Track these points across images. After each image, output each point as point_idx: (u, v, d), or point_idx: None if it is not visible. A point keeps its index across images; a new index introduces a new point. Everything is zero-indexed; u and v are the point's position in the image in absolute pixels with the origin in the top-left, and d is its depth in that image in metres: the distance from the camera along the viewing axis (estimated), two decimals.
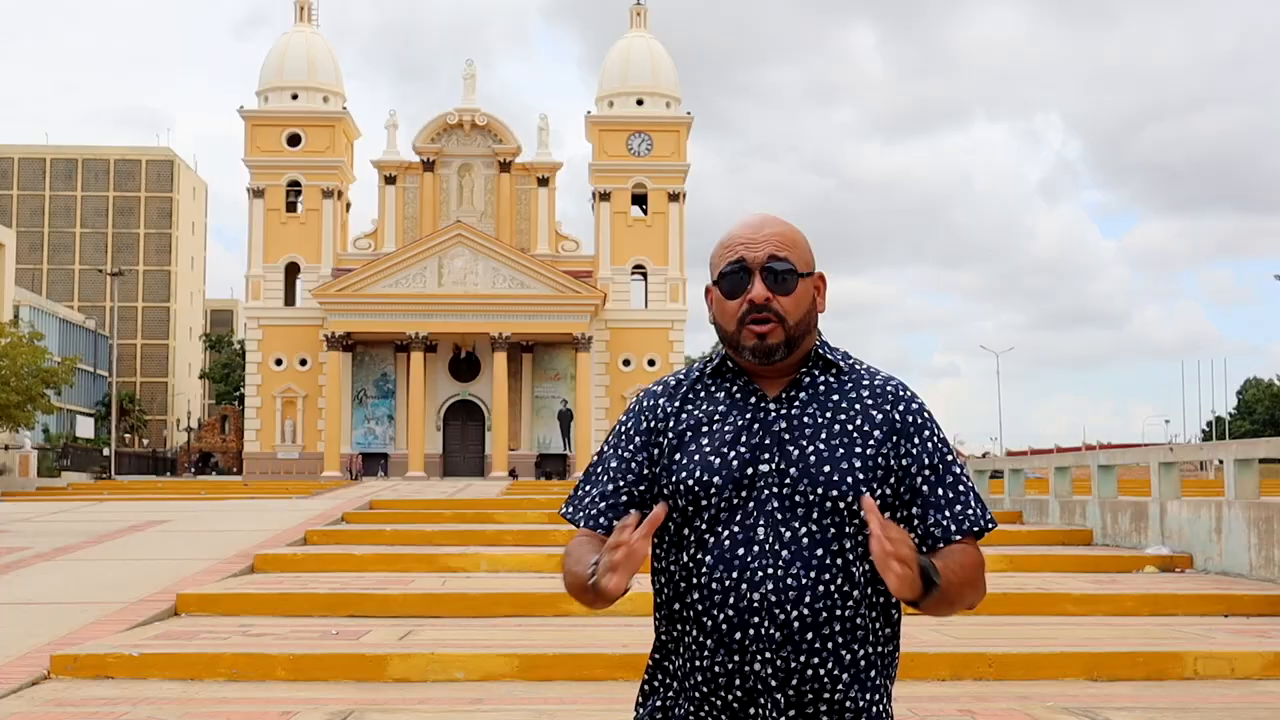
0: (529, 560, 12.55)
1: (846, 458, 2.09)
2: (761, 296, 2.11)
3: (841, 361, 2.21)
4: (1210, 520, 12.87)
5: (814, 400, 2.15)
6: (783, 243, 2.15)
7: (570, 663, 7.59)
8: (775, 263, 2.12)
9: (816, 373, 2.19)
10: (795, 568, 2.04)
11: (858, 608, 2.07)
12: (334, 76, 62.46)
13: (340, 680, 7.37)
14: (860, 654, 2.07)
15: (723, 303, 2.16)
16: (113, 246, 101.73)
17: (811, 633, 2.04)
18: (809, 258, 2.18)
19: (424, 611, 9.69)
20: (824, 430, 2.12)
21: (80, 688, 7.03)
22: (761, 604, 2.04)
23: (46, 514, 20.08)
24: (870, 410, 2.15)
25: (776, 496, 2.08)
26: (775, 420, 2.14)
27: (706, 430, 2.16)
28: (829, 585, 2.05)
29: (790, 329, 2.13)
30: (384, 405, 59.42)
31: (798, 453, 2.10)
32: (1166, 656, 7.76)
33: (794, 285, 2.13)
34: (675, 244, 60.85)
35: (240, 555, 12.68)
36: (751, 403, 2.17)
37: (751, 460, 2.10)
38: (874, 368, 2.26)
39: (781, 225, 2.18)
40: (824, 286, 2.23)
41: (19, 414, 46.39)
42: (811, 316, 2.18)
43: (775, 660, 2.03)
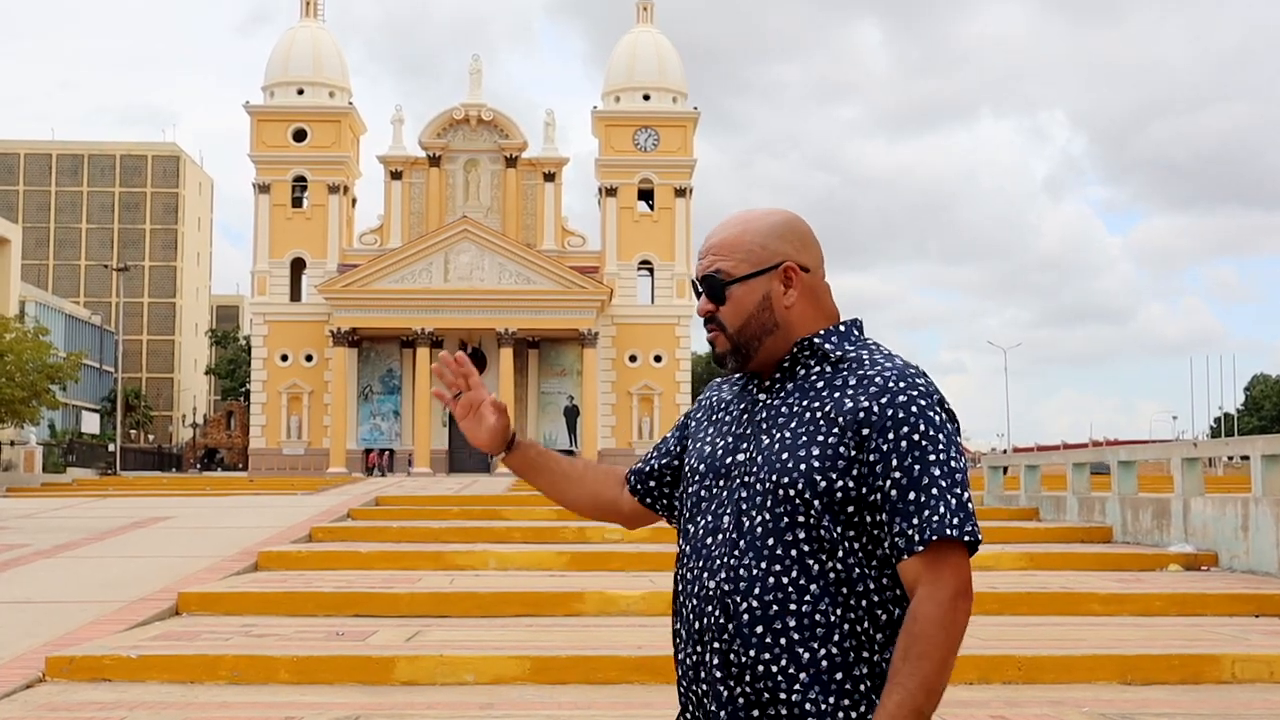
0: (538, 558, 12.29)
1: (806, 445, 1.98)
2: (702, 310, 2.11)
3: (835, 352, 2.06)
4: (1236, 517, 12.56)
5: (799, 389, 2.06)
6: (722, 251, 2.09)
7: (583, 665, 7.32)
8: (704, 276, 2.10)
9: (812, 363, 2.08)
10: (749, 558, 1.98)
11: (816, 603, 1.95)
12: (340, 72, 62.22)
13: (345, 683, 7.12)
14: (821, 653, 1.94)
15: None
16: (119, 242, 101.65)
17: (762, 626, 1.95)
18: (758, 255, 2.08)
19: (432, 611, 9.43)
20: (794, 419, 2.03)
21: (76, 691, 6.78)
22: (715, 592, 1.99)
23: (49, 510, 19.86)
24: (844, 399, 2.00)
25: (745, 486, 2.03)
26: (760, 409, 2.09)
27: (715, 419, 2.18)
28: (780, 578, 1.96)
29: (733, 337, 2.08)
30: (390, 401, 59.21)
31: (766, 440, 2.03)
32: (1203, 659, 7.48)
33: (724, 295, 2.08)
34: (682, 240, 60.58)
35: (244, 553, 12.42)
36: (748, 393, 2.14)
37: (733, 449, 2.08)
38: (888, 358, 2.05)
39: (731, 229, 2.11)
40: (796, 275, 2.09)
41: (24, 409, 46.21)
42: (764, 318, 2.08)
43: (725, 652, 1.97)
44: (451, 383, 2.34)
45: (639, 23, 63.49)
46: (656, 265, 60.41)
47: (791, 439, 2.00)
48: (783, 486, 1.97)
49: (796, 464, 1.97)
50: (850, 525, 1.95)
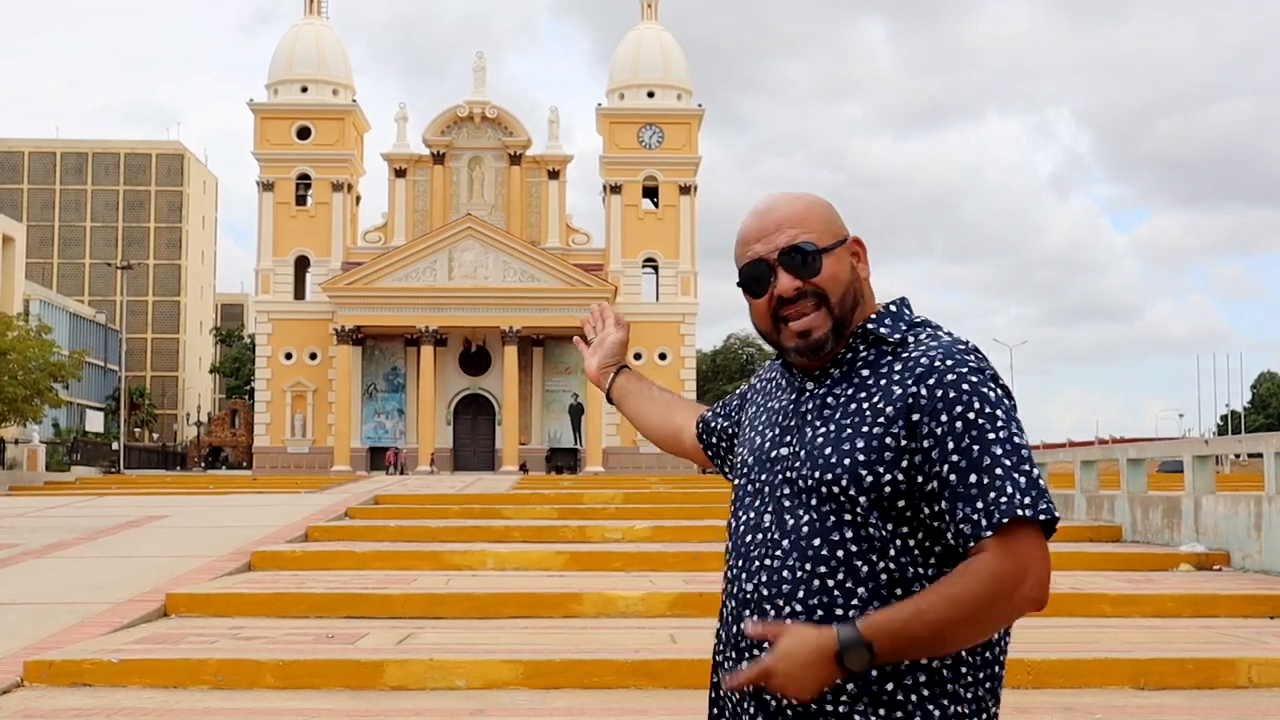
0: (537, 557, 12.06)
1: (850, 438, 1.85)
2: (790, 288, 1.92)
3: (892, 335, 1.88)
4: (1249, 516, 12.31)
5: (845, 378, 1.92)
6: (796, 222, 1.94)
7: (578, 669, 7.10)
8: (792, 247, 1.92)
9: (861, 348, 1.93)
10: (792, 559, 1.85)
11: (864, 608, 1.80)
12: (344, 69, 62.05)
13: (332, 688, 6.90)
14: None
15: (751, 303, 1.99)
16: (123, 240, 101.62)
17: None
18: (834, 227, 1.96)
19: (425, 612, 9.20)
20: (839, 410, 1.89)
21: (53, 697, 6.56)
22: (753, 596, 1.88)
23: (45, 509, 19.67)
24: (893, 385, 1.85)
25: (787, 482, 1.90)
26: (807, 400, 1.95)
27: (766, 407, 2.05)
28: (826, 580, 1.82)
29: (836, 309, 1.91)
30: (394, 399, 59.06)
31: (810, 433, 1.90)
32: (1219, 663, 7.24)
33: (820, 264, 1.91)
34: (686, 237, 60.37)
35: (238, 552, 12.20)
36: (797, 383, 2.00)
37: (779, 443, 1.95)
38: (933, 337, 1.88)
39: (791, 202, 1.97)
40: (863, 251, 1.99)
41: (27, 408, 46.10)
42: (855, 289, 1.94)
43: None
44: (590, 331, 2.51)
45: (643, 20, 63.27)
46: (661, 263, 60.20)
47: (835, 432, 1.86)
48: (826, 484, 1.84)
49: (840, 459, 1.83)
50: (902, 521, 1.81)
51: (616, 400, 2.44)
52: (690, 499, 21.57)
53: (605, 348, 2.49)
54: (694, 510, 18.24)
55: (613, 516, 16.62)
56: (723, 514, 17.77)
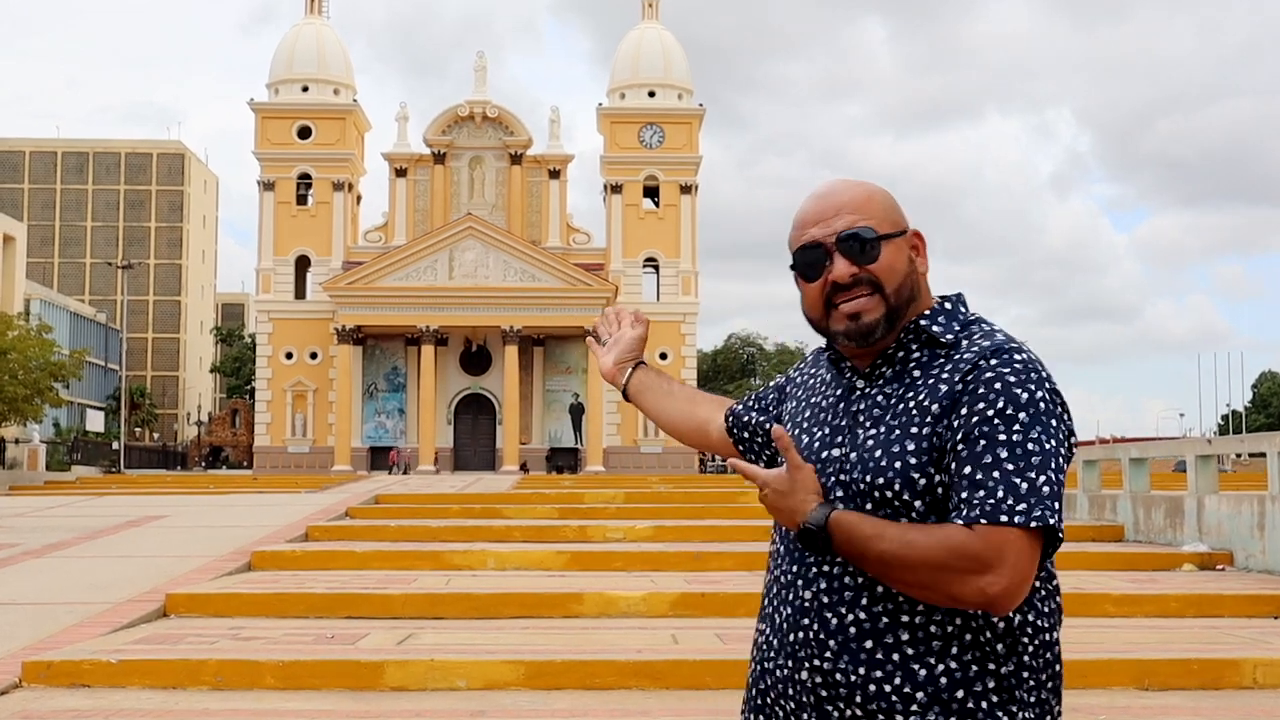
0: (538, 557, 12.02)
1: (900, 440, 1.81)
2: (845, 274, 1.87)
3: (950, 335, 1.84)
4: (1253, 516, 12.27)
5: (897, 377, 1.88)
6: (857, 208, 1.89)
7: (580, 670, 7.06)
8: (851, 233, 1.87)
9: (913, 347, 1.89)
10: (852, 567, 1.81)
11: (931, 612, 1.77)
12: (344, 69, 62.02)
13: (333, 689, 6.86)
14: (940, 669, 1.76)
15: (803, 288, 1.94)
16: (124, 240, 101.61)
17: (871, 641, 1.78)
18: (894, 216, 1.92)
19: (426, 612, 9.16)
20: (889, 411, 1.85)
21: (51, 698, 6.53)
22: (812, 604, 1.83)
23: (45, 509, 19.64)
24: (940, 384, 1.82)
25: (841, 485, 1.85)
26: (857, 399, 1.91)
27: (812, 403, 2.00)
28: (889, 588, 1.79)
29: (890, 296, 1.87)
30: (395, 399, 59.02)
31: (861, 436, 1.86)
32: (1223, 664, 7.21)
33: (877, 251, 1.87)
34: (687, 236, 60.33)
35: (238, 552, 12.17)
36: (845, 379, 1.95)
37: (829, 444, 1.90)
38: (987, 335, 1.84)
39: (854, 188, 1.93)
40: (923, 245, 1.95)
41: (27, 407, 46.07)
42: (911, 281, 1.90)
43: (829, 669, 1.80)
44: (604, 332, 2.49)
45: (644, 19, 63.22)
46: (662, 262, 60.16)
47: (886, 434, 1.83)
48: (878, 488, 1.80)
49: (891, 462, 1.80)
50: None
51: (634, 395, 2.40)
52: (691, 499, 21.54)
53: (622, 343, 2.45)
54: (695, 510, 18.21)
55: (614, 516, 16.58)
56: (722, 513, 17.73)
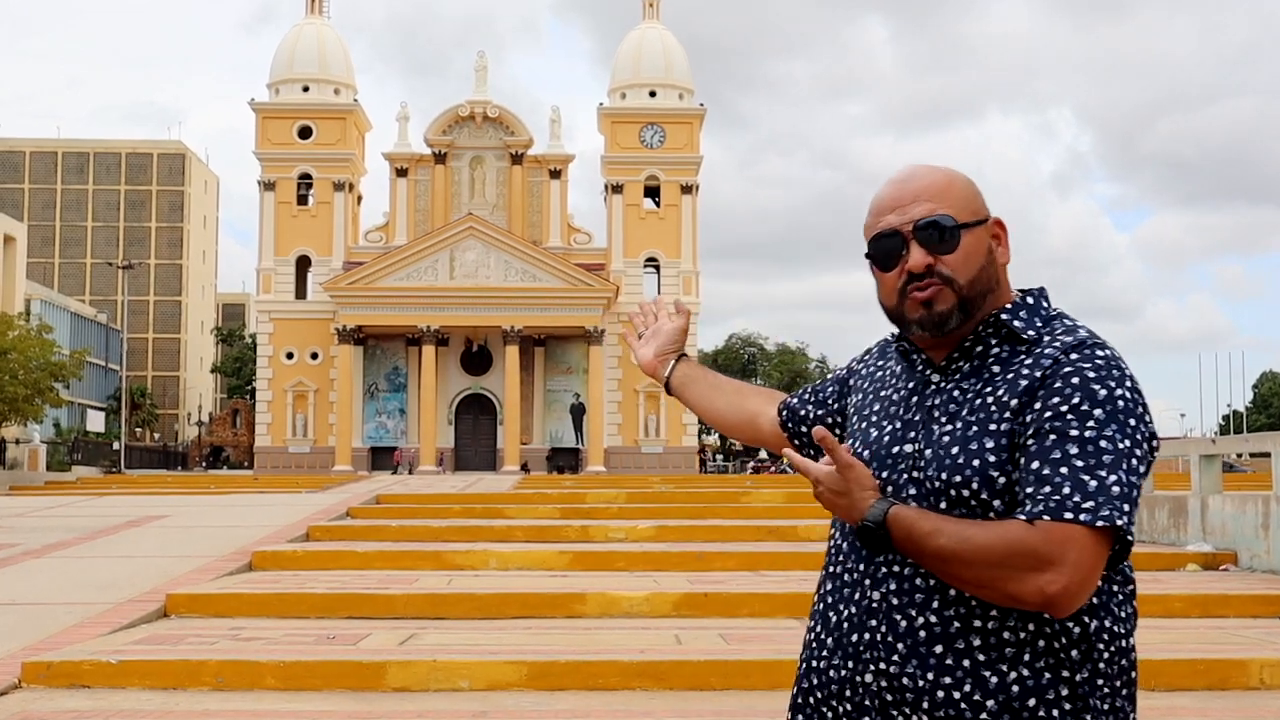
0: (540, 557, 11.98)
1: (979, 437, 1.75)
2: (920, 264, 1.82)
3: (1032, 331, 1.78)
4: (1257, 516, 12.22)
5: (975, 372, 1.82)
6: (935, 195, 1.85)
7: (583, 670, 7.02)
8: (929, 221, 1.82)
9: (992, 341, 1.83)
10: (924, 569, 1.75)
11: (1004, 617, 1.71)
12: (345, 69, 61.98)
13: (334, 689, 6.82)
14: (1012, 676, 1.70)
15: (879, 276, 1.89)
16: (124, 240, 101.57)
17: (941, 645, 1.72)
18: (975, 204, 1.88)
19: (428, 612, 9.12)
20: (966, 406, 1.79)
21: (51, 698, 6.49)
22: (881, 605, 1.78)
23: (46, 509, 19.60)
24: (1020, 379, 1.76)
25: (914, 483, 1.80)
26: (932, 394, 1.85)
27: (881, 396, 1.94)
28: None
29: (963, 290, 1.81)
30: (395, 399, 58.99)
31: (937, 432, 1.81)
32: (1229, 664, 7.16)
33: (956, 241, 1.82)
34: (688, 236, 60.28)
35: (239, 552, 12.12)
36: (919, 373, 1.90)
37: (900, 439, 1.85)
38: (1073, 332, 1.78)
39: (932, 174, 1.88)
40: (1004, 234, 1.91)
41: (27, 407, 46.05)
42: (990, 273, 1.85)
43: (895, 673, 1.74)
44: (640, 325, 2.44)
45: (645, 19, 63.18)
46: (663, 262, 60.10)
47: (963, 430, 1.77)
48: (955, 486, 1.74)
49: (969, 460, 1.74)
50: None
51: (677, 388, 2.35)
52: (693, 499, 21.49)
53: (663, 335, 2.39)
54: (697, 510, 18.16)
55: (615, 516, 16.54)
56: (724, 513, 17.68)
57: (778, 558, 12.01)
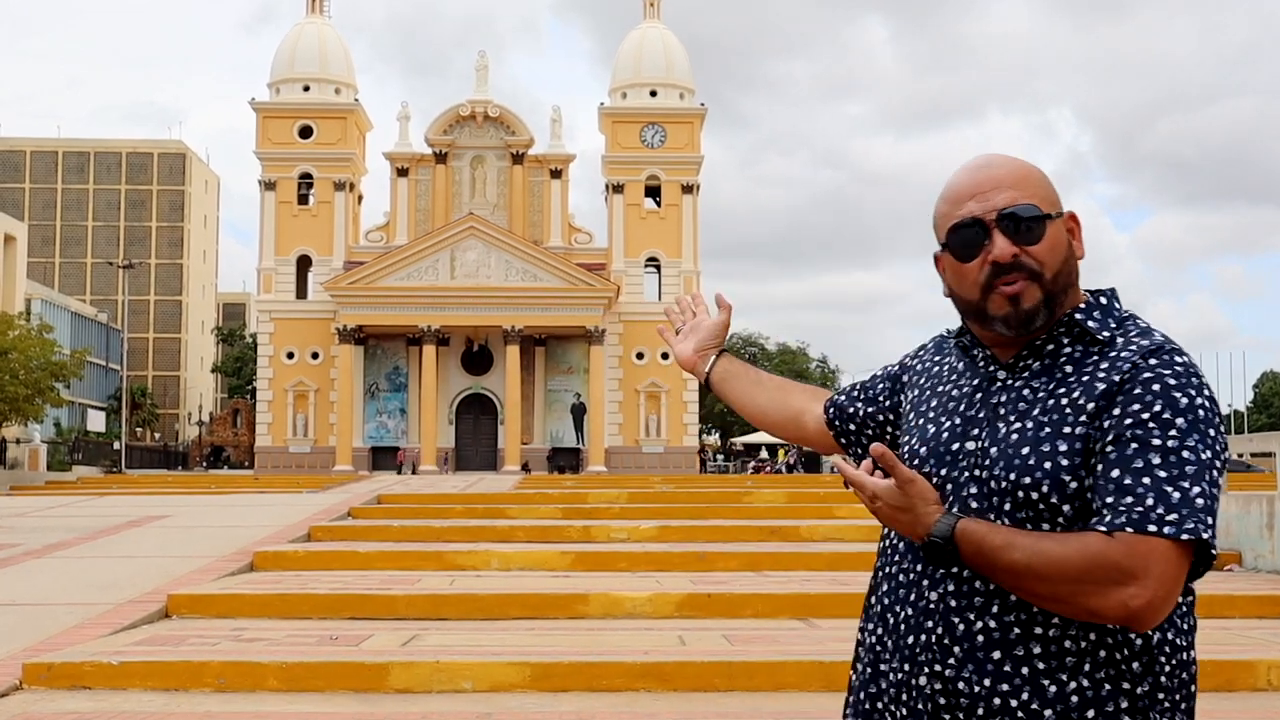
0: (542, 557, 11.94)
1: (1051, 439, 1.69)
2: (1007, 254, 1.75)
3: (1106, 332, 1.73)
4: (1261, 516, 12.19)
5: (1046, 371, 1.76)
6: (1016, 183, 1.79)
7: (587, 672, 6.98)
8: (1015, 209, 1.76)
9: (1064, 340, 1.78)
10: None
11: (1067, 625, 1.67)
12: (346, 68, 61.96)
13: (337, 691, 6.78)
14: (1071, 686, 1.65)
15: (958, 267, 1.81)
16: (125, 240, 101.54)
17: (999, 651, 1.67)
18: (1053, 195, 1.83)
19: (430, 613, 9.08)
20: (1038, 405, 1.73)
21: (53, 700, 6.45)
22: (938, 607, 1.73)
23: (46, 508, 19.56)
24: (1097, 382, 1.70)
25: (975, 481, 1.74)
26: (997, 392, 1.79)
27: (939, 392, 1.88)
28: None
29: (1048, 284, 1.76)
30: (396, 399, 58.96)
31: (1004, 430, 1.74)
32: (1236, 665, 7.13)
33: (1042, 231, 1.77)
34: (689, 236, 60.26)
35: (240, 552, 12.08)
36: (981, 370, 1.84)
37: (962, 435, 1.79)
38: (1145, 334, 1.73)
39: (1011, 162, 1.84)
40: (1079, 228, 1.86)
41: (28, 407, 46.02)
42: (1070, 267, 1.80)
43: (951, 677, 1.70)
44: (678, 320, 2.38)
45: (646, 19, 63.15)
46: (664, 262, 60.08)
47: (1034, 430, 1.71)
48: (1023, 488, 1.68)
49: (1040, 461, 1.68)
50: None
51: (717, 384, 2.28)
52: (695, 499, 21.45)
53: (703, 330, 2.32)
54: (699, 510, 18.12)
55: (617, 516, 16.50)
56: (726, 513, 17.63)
57: (780, 558, 11.97)
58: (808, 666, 7.02)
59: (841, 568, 11.55)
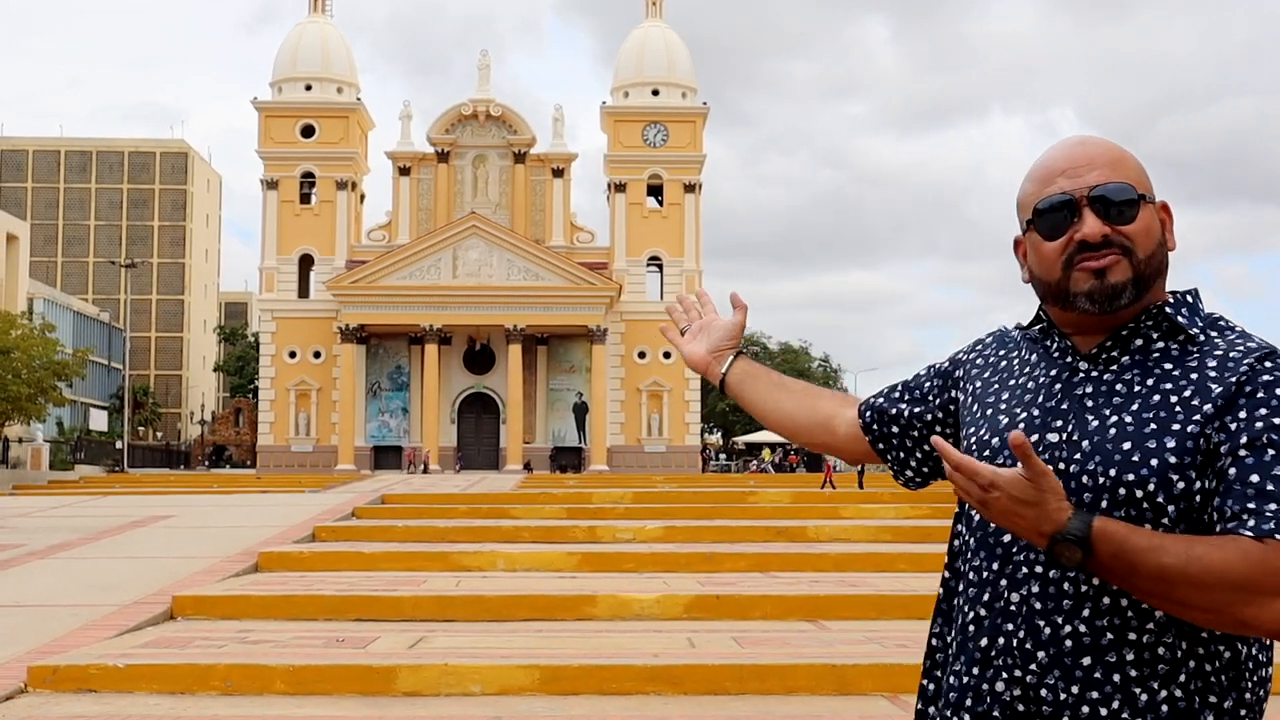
0: (548, 558, 11.89)
1: (1158, 435, 1.61)
2: (1096, 233, 1.68)
3: (1196, 329, 1.65)
4: None
5: (1138, 365, 1.68)
6: (1111, 163, 1.73)
7: (597, 675, 6.92)
8: (1108, 188, 1.70)
9: (1154, 335, 1.70)
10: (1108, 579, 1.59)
11: (1162, 633, 1.59)
12: (348, 67, 61.90)
13: (344, 694, 6.72)
14: (1162, 695, 1.58)
15: (1041, 246, 1.74)
16: (127, 239, 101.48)
17: (1089, 657, 1.59)
18: (1147, 181, 1.76)
19: (436, 615, 9.03)
20: (1138, 400, 1.65)
21: (58, 703, 6.40)
22: (1020, 608, 1.64)
23: (50, 508, 19.52)
24: (1209, 381, 1.62)
25: (1063, 475, 1.64)
26: (1082, 383, 1.70)
27: (1010, 385, 1.79)
28: (1118, 598, 1.60)
29: (1140, 264, 1.68)
30: (398, 398, 58.92)
31: (1097, 423, 1.65)
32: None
33: (1135, 213, 1.70)
34: (691, 235, 60.19)
35: (244, 553, 12.03)
36: (1060, 360, 1.75)
37: (1041, 426, 1.70)
38: (1252, 338, 1.66)
39: (1106, 143, 1.78)
40: (1170, 220, 1.77)
41: (30, 406, 45.98)
42: (1162, 255, 1.73)
43: (1033, 683, 1.61)
44: (682, 319, 2.27)
45: (648, 18, 63.07)
46: (666, 261, 60.01)
47: (1135, 425, 1.62)
48: (1126, 484, 1.60)
49: (1146, 458, 1.59)
50: (1205, 533, 1.58)
51: (733, 387, 2.14)
52: (700, 499, 21.41)
53: (716, 331, 2.18)
54: (705, 510, 18.07)
55: (623, 516, 16.45)
56: (732, 513, 17.58)
57: (788, 559, 11.92)
58: (819, 669, 6.96)
59: (849, 569, 11.50)
